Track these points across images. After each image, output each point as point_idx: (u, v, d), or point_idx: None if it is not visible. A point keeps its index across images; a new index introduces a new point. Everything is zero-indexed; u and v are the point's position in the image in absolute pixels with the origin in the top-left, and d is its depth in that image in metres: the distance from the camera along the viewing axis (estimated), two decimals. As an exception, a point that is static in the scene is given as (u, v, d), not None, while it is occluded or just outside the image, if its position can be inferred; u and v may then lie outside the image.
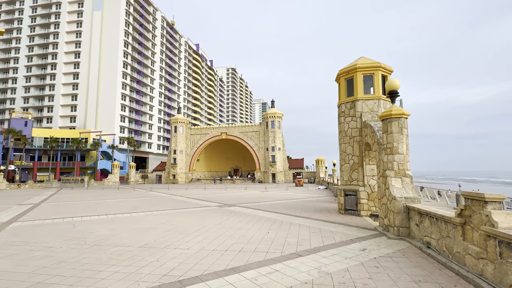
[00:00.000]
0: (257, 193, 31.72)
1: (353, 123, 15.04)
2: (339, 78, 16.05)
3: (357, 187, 14.52)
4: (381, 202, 10.79)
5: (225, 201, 22.63)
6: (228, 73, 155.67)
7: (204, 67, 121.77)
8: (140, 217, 14.53)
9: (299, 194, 29.08)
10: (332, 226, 11.57)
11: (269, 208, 17.79)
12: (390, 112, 10.20)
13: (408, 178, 9.89)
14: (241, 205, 19.71)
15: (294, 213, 15.52)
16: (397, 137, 10.11)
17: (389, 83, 10.60)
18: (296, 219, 13.43)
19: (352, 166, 14.91)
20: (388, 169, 10.19)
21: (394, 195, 9.41)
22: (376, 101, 14.75)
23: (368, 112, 14.72)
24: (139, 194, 31.11)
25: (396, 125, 10.16)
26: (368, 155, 14.41)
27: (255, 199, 24.26)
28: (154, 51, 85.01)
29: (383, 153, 10.54)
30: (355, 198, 14.61)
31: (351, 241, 8.88)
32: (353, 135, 15.02)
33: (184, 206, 19.54)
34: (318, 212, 15.73)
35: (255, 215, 14.66)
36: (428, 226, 7.73)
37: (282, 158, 64.58)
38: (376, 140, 11.58)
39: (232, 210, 16.82)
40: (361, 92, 14.89)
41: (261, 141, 65.09)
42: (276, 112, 64.54)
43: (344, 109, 15.59)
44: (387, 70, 15.07)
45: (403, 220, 9.17)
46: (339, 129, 16.07)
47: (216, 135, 65.58)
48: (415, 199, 9.20)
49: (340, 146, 15.89)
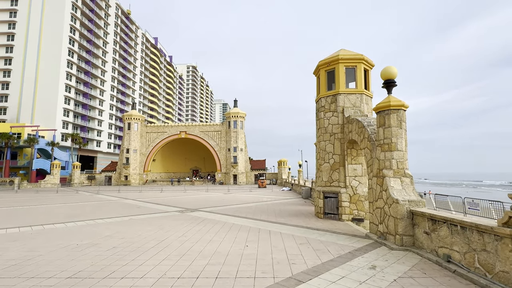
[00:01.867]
0: (220, 195, 29.39)
1: (334, 118, 13.76)
2: (319, 70, 14.71)
3: (338, 189, 13.22)
4: (374, 206, 9.48)
5: (186, 205, 19.99)
6: (189, 70, 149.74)
7: (163, 63, 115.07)
8: (77, 229, 11.43)
9: (265, 196, 27.46)
10: (318, 234, 9.96)
11: (239, 213, 15.73)
12: (389, 103, 8.93)
13: (408, 178, 8.68)
14: (205, 209, 17.33)
15: (268, 218, 13.70)
16: (396, 132, 8.86)
17: (386, 70, 9.36)
18: (274, 226, 11.61)
19: (333, 166, 13.60)
20: (386, 168, 8.89)
21: (395, 198, 8.08)
22: (359, 95, 13.67)
23: (350, 107, 13.56)
24: (81, 198, 26.68)
25: (395, 118, 8.92)
26: (351, 154, 13.21)
27: (219, 202, 21.98)
28: (107, 40, 77.33)
29: (379, 150, 9.24)
30: (335, 201, 13.30)
31: (351, 255, 7.29)
32: (334, 131, 13.73)
33: (137, 212, 16.53)
34: (295, 217, 14.12)
35: (225, 222, 12.51)
36: (447, 236, 6.43)
37: (244, 159, 62.83)
38: (367, 136, 10.30)
39: (196, 217, 14.42)
40: (343, 86, 13.69)
41: (222, 141, 62.62)
42: (239, 112, 62.69)
43: (324, 104, 14.26)
44: (369, 63, 14.12)
45: (407, 228, 7.87)
46: (318, 125, 14.71)
47: (175, 133, 61.43)
48: (420, 202, 7.98)
49: (319, 144, 14.52)
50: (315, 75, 15.67)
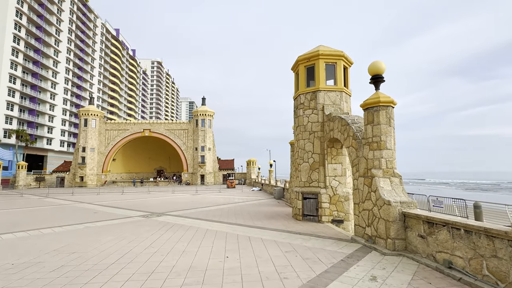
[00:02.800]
0: (188, 196, 27.75)
1: (314, 116, 13.21)
2: (298, 65, 14.09)
3: (317, 189, 12.68)
4: (361, 208, 8.98)
5: (151, 208, 18.24)
6: (153, 66, 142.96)
7: (125, 56, 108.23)
8: (16, 242, 9.45)
9: (237, 197, 26.43)
10: (302, 239, 9.23)
11: (211, 216, 14.53)
12: (378, 99, 8.47)
13: (397, 178, 8.28)
14: (173, 213, 15.85)
15: (245, 221, 12.72)
16: (385, 129, 8.43)
17: (374, 65, 8.91)
18: (253, 230, 10.67)
19: (312, 165, 13.04)
20: (375, 167, 8.41)
21: (387, 200, 7.59)
22: (339, 93, 13.27)
23: (330, 105, 13.11)
24: (27, 203, 23.38)
25: (384, 115, 8.48)
26: (331, 153, 12.75)
27: (188, 204, 20.50)
28: (60, 28, 70.39)
29: (367, 149, 8.75)
30: (315, 202, 12.74)
31: (345, 264, 6.61)
32: (313, 130, 13.18)
33: (93, 218, 14.55)
34: (272, 219, 13.33)
35: (198, 228, 11.29)
36: (447, 240, 6.01)
37: (212, 159, 61.11)
38: (352, 134, 9.80)
39: (164, 222, 12.96)
40: (323, 82, 13.20)
41: (189, 140, 60.28)
42: (208, 110, 60.83)
43: (303, 101, 13.66)
44: (349, 61, 13.81)
45: (399, 231, 7.42)
46: (297, 123, 14.08)
47: (138, 131, 57.73)
48: (411, 203, 7.58)
49: (298, 142, 13.89)
50: (293, 71, 15.04)
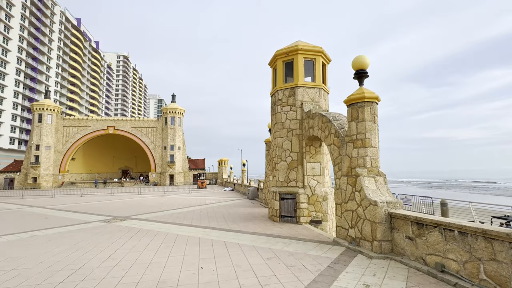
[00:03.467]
0: (156, 198, 26.11)
1: (292, 113, 12.71)
2: (276, 60, 13.51)
3: (296, 189, 12.19)
4: (344, 208, 8.58)
5: (114, 212, 16.62)
6: (119, 60, 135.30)
7: (87, 48, 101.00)
8: None
9: (208, 198, 25.33)
10: (283, 243, 8.61)
11: (182, 219, 13.44)
12: (363, 95, 8.10)
13: (382, 177, 7.97)
14: (139, 217, 14.49)
15: (219, 225, 11.85)
16: (370, 126, 8.08)
17: (358, 60, 8.54)
18: (228, 235, 9.85)
19: (290, 164, 12.53)
20: (359, 166, 8.03)
21: (373, 200, 7.21)
22: (317, 90, 12.91)
23: (309, 101, 12.69)
24: (-36, 208, 20.31)
25: (369, 111, 8.14)
26: (309, 151, 12.32)
27: (156, 206, 19.08)
28: (11, 13, 63.60)
29: (350, 146, 8.36)
30: (293, 203, 12.23)
31: (333, 271, 6.07)
32: (292, 127, 12.67)
33: (44, 225, 12.77)
34: (248, 221, 12.60)
35: (167, 233, 10.21)
36: (439, 242, 5.70)
37: (182, 158, 58.98)
38: (333, 131, 9.39)
39: (128, 227, 11.66)
40: (301, 78, 12.75)
41: (158, 139, 57.60)
42: (177, 107, 58.59)
43: (281, 97, 13.11)
44: (327, 58, 13.53)
45: (386, 232, 7.07)
46: (274, 120, 13.49)
47: (101, 128, 53.91)
48: (397, 203, 7.27)
49: (275, 140, 13.31)
50: (270, 67, 14.44)
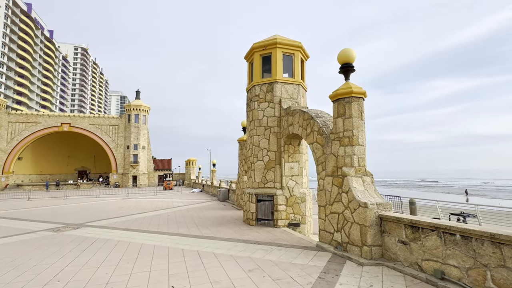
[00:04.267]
0: (117, 201, 23.94)
1: (270, 110, 12.01)
2: (253, 54, 12.73)
3: (273, 190, 11.48)
4: (328, 211, 8.02)
5: (66, 218, 14.61)
6: (77, 52, 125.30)
7: (39, 37, 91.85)
8: None
9: (176, 200, 23.77)
10: (263, 250, 7.81)
11: (146, 225, 12.06)
12: (350, 89, 7.60)
13: (369, 177, 7.53)
14: (96, 223, 12.79)
15: (190, 231, 10.73)
16: (357, 123, 7.60)
17: (344, 53, 8.05)
18: (201, 242, 8.82)
19: (268, 164, 11.80)
20: (346, 165, 7.51)
21: (363, 202, 6.70)
22: (296, 86, 12.36)
23: (288, 98, 12.09)
24: None
25: (356, 107, 7.67)
26: (288, 150, 11.70)
27: (116, 211, 17.27)
28: None
29: (336, 145, 7.82)
30: (270, 205, 11.51)
31: (325, 283, 5.40)
32: (269, 125, 11.97)
33: (-25, 236, 10.63)
34: (222, 226, 11.63)
35: (130, 243, 8.89)
36: (437, 247, 5.29)
37: (146, 158, 55.83)
38: (317, 129, 8.82)
39: (82, 237, 10.06)
40: (280, 73, 12.10)
41: (120, 137, 53.93)
42: (142, 104, 55.38)
43: (258, 93, 12.35)
44: (306, 54, 13.05)
45: (376, 236, 6.59)
46: (251, 117, 12.68)
47: (54, 125, 49.03)
48: (387, 205, 6.84)
49: (252, 138, 12.50)
50: (247, 61, 13.63)
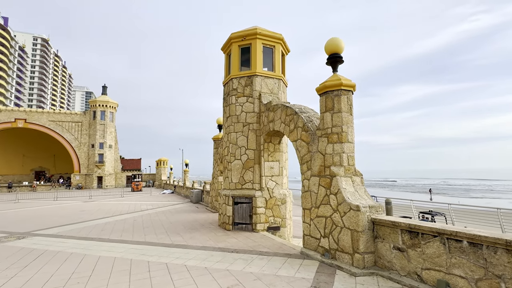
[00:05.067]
0: (78, 205, 21.75)
1: (249, 105, 11.15)
2: (231, 44, 11.80)
3: (252, 192, 10.63)
4: (314, 214, 7.32)
5: (11, 226, 12.64)
6: (36, 43, 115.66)
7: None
8: None
9: (144, 203, 22.08)
10: (243, 261, 6.92)
11: (108, 233, 10.64)
12: (340, 82, 6.96)
13: (359, 177, 6.94)
14: (48, 232, 11.11)
15: (158, 238, 9.53)
16: (346, 118, 6.98)
17: (332, 42, 7.41)
18: (171, 252, 7.72)
19: (246, 164, 10.93)
20: (335, 164, 6.85)
21: (355, 204, 6.07)
22: (277, 81, 11.63)
23: (268, 93, 11.32)
24: None
25: (346, 101, 7.04)
26: (267, 149, 10.91)
27: (75, 216, 15.43)
28: None
29: (324, 142, 7.15)
30: (248, 207, 10.64)
31: (317, 300, 4.65)
32: (248, 121, 11.10)
33: None
34: (195, 231, 10.55)
35: (85, 256, 7.56)
36: (441, 254, 4.75)
37: (113, 158, 52.50)
38: (301, 124, 8.11)
39: (27, 248, 8.49)
40: (260, 66, 11.30)
41: (84, 135, 50.21)
42: (109, 100, 51.99)
43: (236, 86, 11.44)
44: (287, 47, 12.38)
45: (369, 243, 5.98)
46: (228, 112, 11.73)
47: (7, 121, 44.39)
48: (379, 208, 6.27)
49: (228, 136, 11.56)
50: (224, 52, 12.66)
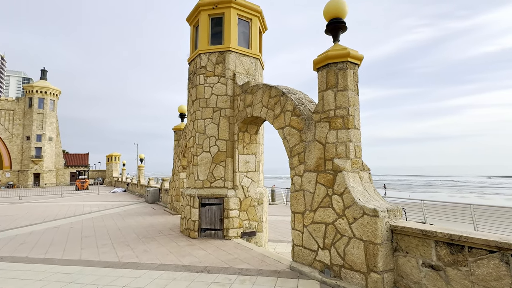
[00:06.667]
0: (2, 208, 17.72)
1: (220, 86, 9.26)
2: (199, 13, 9.75)
3: (223, 191, 8.81)
4: (309, 219, 5.79)
5: None
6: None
7: None
8: None
9: (90, 204, 18.81)
10: (217, 285, 5.13)
11: (28, 248, 7.96)
12: (346, 51, 5.48)
13: (367, 173, 5.56)
14: None
15: (99, 253, 7.24)
16: (353, 99, 5.54)
17: (333, 5, 5.88)
18: (116, 277, 5.60)
19: (217, 157, 9.05)
20: (339, 156, 5.37)
21: (371, 208, 4.64)
22: (254, 60, 9.90)
23: (243, 73, 9.54)
24: None
25: (352, 76, 5.60)
26: (243, 140, 9.15)
27: (-8, 223, 12.06)
28: None
29: (325, 128, 5.63)
30: (219, 210, 8.80)
31: None
32: (219, 106, 9.22)
33: None
34: (151, 241, 8.40)
35: (-20, 290, 5.10)
36: (502, 277, 3.49)
37: (54, 152, 46.22)
38: (291, 108, 6.50)
39: None
40: (234, 41, 9.46)
41: (17, 126, 43.32)
42: (49, 86, 45.47)
43: (205, 63, 9.46)
44: (265, 24, 10.73)
45: (388, 258, 4.61)
46: (194, 95, 9.69)
47: None
48: (397, 212, 4.94)
49: (195, 123, 9.54)
50: (190, 24, 10.55)
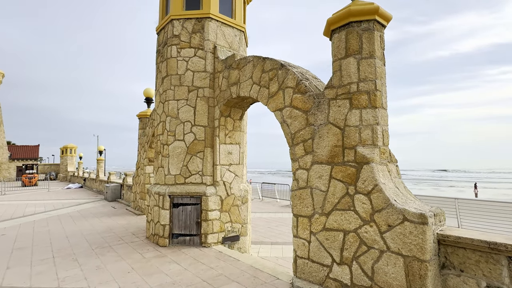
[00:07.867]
0: None
1: (198, 61, 7.58)
2: (170, -30, 7.92)
3: (201, 188, 7.23)
4: (320, 225, 4.49)
5: None
6: None
7: None
8: None
9: (35, 203, 15.98)
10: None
11: None
12: (374, 6, 4.17)
13: (394, 165, 4.36)
14: None
15: (32, 275, 5.34)
16: (380, 69, 4.27)
17: (352, -51, 4.56)
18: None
19: (193, 147, 7.42)
20: (364, 143, 4.10)
21: (416, 212, 3.44)
22: (238, 33, 8.34)
23: (226, 47, 7.94)
24: None
25: (379, 41, 4.32)
26: (225, 126, 7.60)
27: None
28: None
29: (345, 107, 4.31)
30: (195, 211, 7.22)
31: None
32: (196, 84, 7.55)
33: None
34: (107, 253, 6.60)
35: None
36: None
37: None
38: (293, 83, 5.11)
39: None
40: (215, 6, 7.81)
41: (-52, 112, 37.08)
42: (-9, 67, 39.39)
43: (179, 32, 7.69)
44: (249, -10, 9.15)
45: (437, 279, 3.45)
46: (164, 71, 7.89)
47: None
48: (442, 216, 3.79)
49: (165, 105, 7.77)
50: (158, -16, 8.64)
